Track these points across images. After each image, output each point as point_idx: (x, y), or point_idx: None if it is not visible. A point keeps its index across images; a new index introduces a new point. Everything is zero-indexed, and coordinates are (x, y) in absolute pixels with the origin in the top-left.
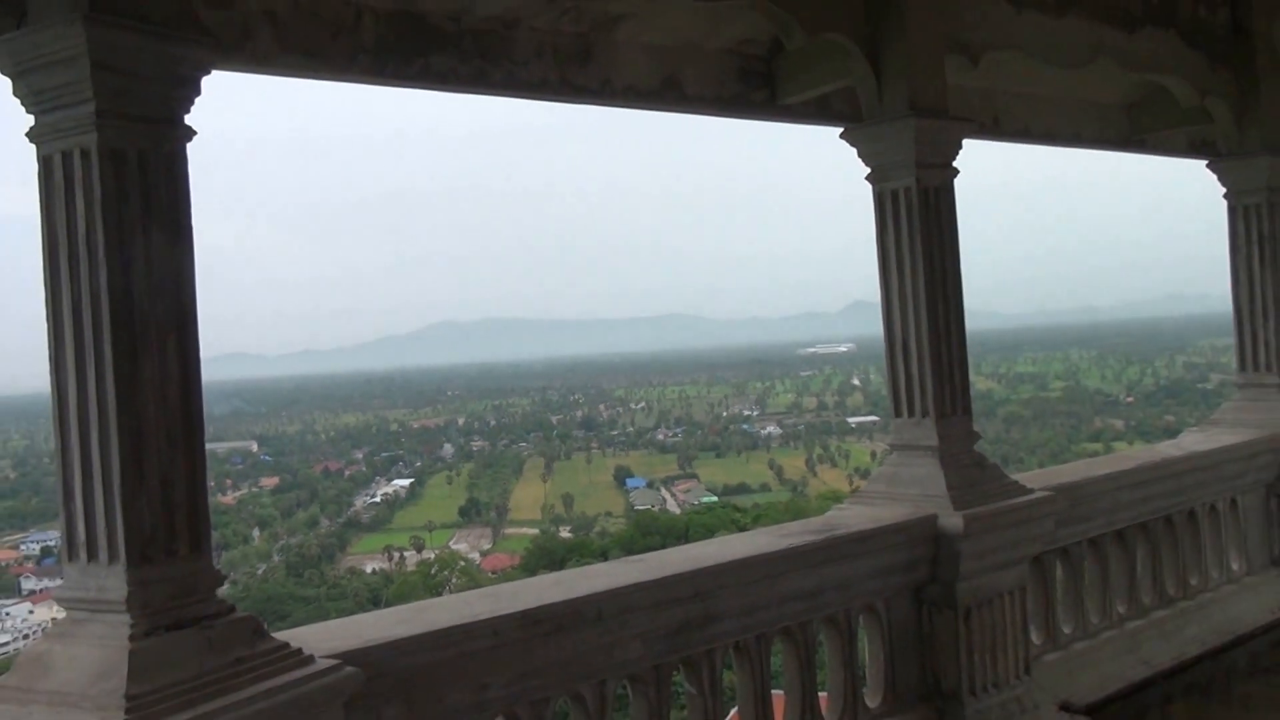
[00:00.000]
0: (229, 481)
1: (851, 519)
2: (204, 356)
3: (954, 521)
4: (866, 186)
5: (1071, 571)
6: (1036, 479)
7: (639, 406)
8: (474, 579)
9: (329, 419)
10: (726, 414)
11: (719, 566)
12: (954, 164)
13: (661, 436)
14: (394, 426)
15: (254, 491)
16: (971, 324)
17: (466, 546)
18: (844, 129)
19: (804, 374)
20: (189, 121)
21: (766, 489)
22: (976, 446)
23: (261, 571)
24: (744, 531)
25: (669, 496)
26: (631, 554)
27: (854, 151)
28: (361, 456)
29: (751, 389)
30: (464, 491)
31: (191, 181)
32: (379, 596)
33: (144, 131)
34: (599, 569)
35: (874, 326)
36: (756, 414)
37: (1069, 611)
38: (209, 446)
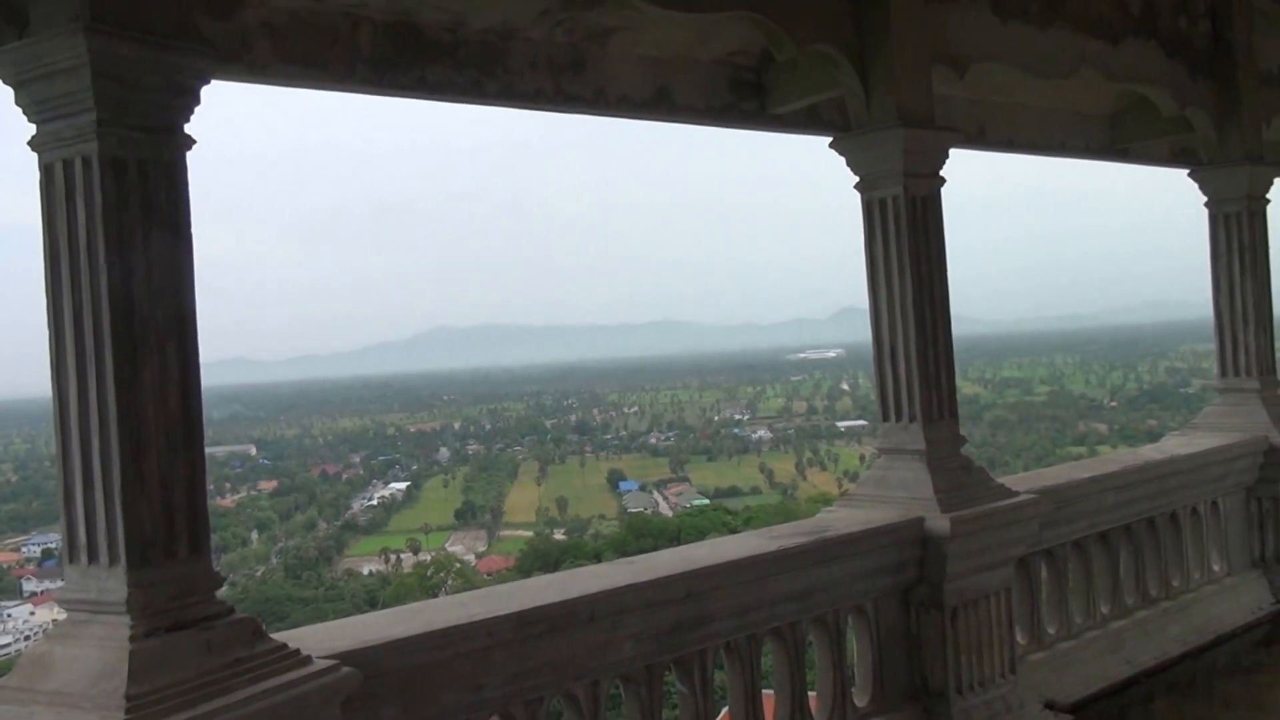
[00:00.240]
0: (228, 485)
1: (840, 521)
2: (204, 361)
3: (941, 524)
4: (855, 195)
5: (1056, 573)
6: (1022, 482)
7: (632, 411)
8: (469, 581)
9: (327, 423)
10: (718, 418)
11: (710, 568)
12: (941, 173)
13: (654, 440)
14: (391, 431)
15: (253, 494)
16: (958, 330)
17: (462, 549)
18: (833, 138)
19: (794, 379)
20: (189, 130)
21: (757, 492)
22: (963, 450)
23: (260, 573)
24: (735, 534)
25: (661, 499)
26: (625, 556)
27: (843, 160)
28: (359, 460)
29: (742, 393)
30: (459, 495)
31: (192, 189)
32: (376, 598)
33: (144, 140)
34: (592, 570)
35: (863, 332)
36: (747, 418)
37: (1053, 612)
38: (208, 450)
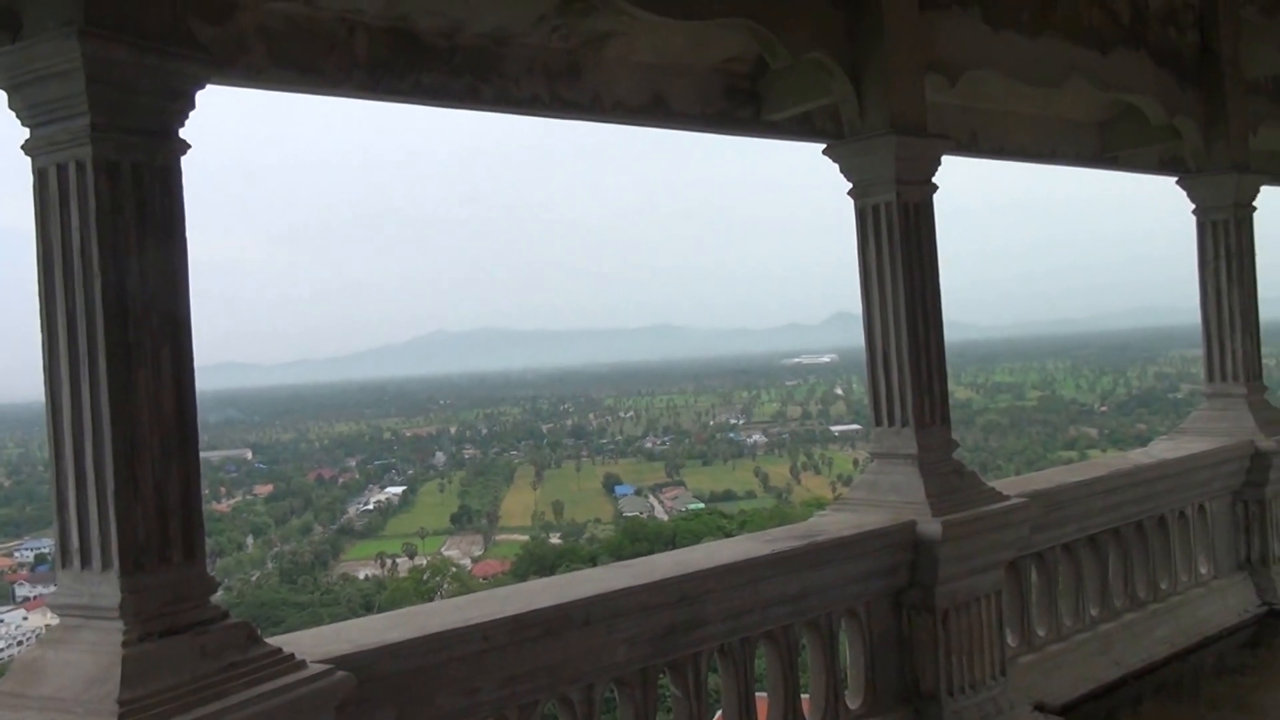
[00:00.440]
0: (224, 489)
1: (833, 525)
2: (200, 366)
3: (932, 527)
4: (849, 201)
5: (1046, 575)
6: (1012, 486)
7: (628, 415)
8: (465, 585)
9: (323, 427)
10: (713, 423)
11: (705, 571)
12: (933, 180)
13: (650, 445)
14: (387, 435)
15: (248, 499)
16: (951, 335)
17: (458, 553)
18: (827, 145)
19: (789, 383)
20: (183, 134)
21: (752, 496)
22: (956, 454)
23: (255, 578)
24: (730, 537)
25: (657, 503)
26: (620, 559)
27: (836, 167)
28: (355, 464)
29: (738, 398)
30: (456, 499)
31: (187, 193)
32: (372, 602)
33: (139, 144)
34: (588, 574)
35: (856, 337)
36: (742, 422)
37: (1043, 614)
38: (204, 454)
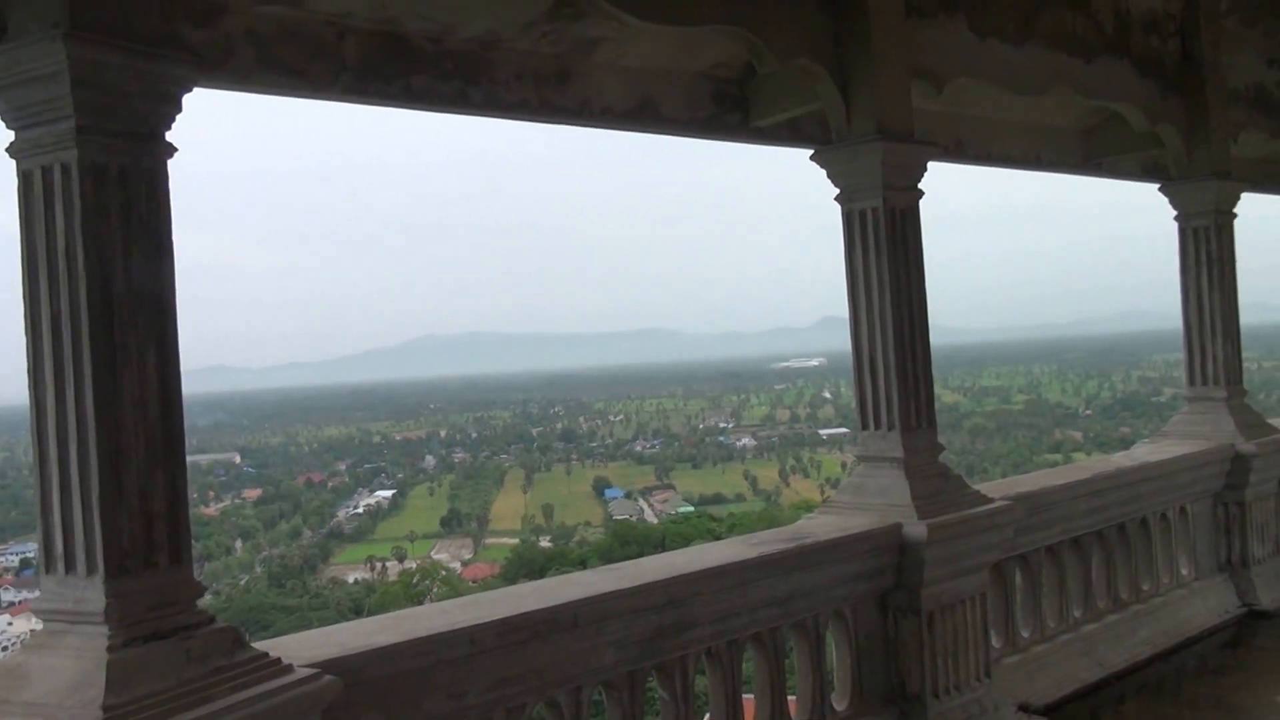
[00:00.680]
0: (212, 493)
1: (820, 528)
2: (188, 369)
3: (918, 530)
4: (836, 207)
5: (1030, 577)
6: (997, 489)
7: (618, 419)
8: (455, 588)
9: (312, 431)
10: (703, 426)
11: (692, 574)
12: (920, 186)
13: (639, 448)
14: (376, 438)
15: (237, 503)
16: (938, 340)
17: (448, 556)
18: (814, 151)
19: (777, 387)
20: (170, 138)
21: (741, 499)
22: (942, 457)
23: (244, 582)
24: (719, 540)
25: (647, 507)
26: (610, 563)
27: (824, 172)
28: (344, 468)
29: (727, 402)
30: (445, 502)
31: (174, 196)
32: (361, 606)
33: (125, 147)
34: (576, 578)
35: (843, 341)
36: (732, 426)
37: (1027, 616)
38: (192, 458)
